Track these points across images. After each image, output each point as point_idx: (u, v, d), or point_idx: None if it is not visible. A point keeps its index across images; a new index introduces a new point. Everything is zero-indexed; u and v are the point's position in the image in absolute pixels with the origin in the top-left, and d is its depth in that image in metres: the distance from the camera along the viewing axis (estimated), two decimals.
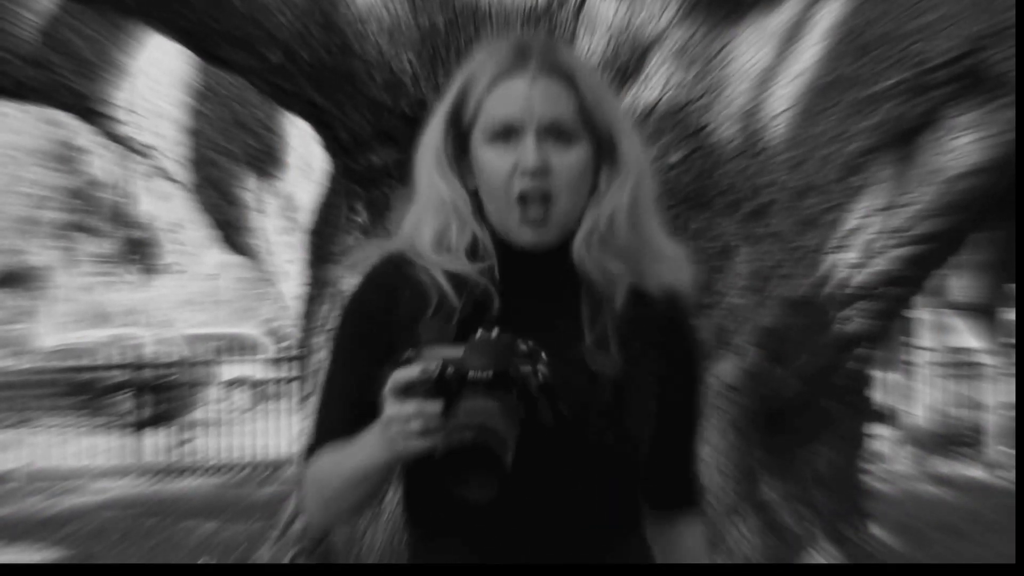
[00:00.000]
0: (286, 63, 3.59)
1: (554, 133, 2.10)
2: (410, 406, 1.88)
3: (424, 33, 3.63)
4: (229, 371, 21.58)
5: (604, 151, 2.14)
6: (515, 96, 2.10)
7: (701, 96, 3.66)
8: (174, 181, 5.04)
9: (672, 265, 2.20)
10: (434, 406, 1.88)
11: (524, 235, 2.10)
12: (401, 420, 1.90)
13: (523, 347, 1.95)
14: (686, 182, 3.61)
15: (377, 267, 2.20)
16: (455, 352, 1.93)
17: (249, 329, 29.79)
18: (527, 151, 2.07)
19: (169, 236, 37.87)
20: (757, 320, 3.58)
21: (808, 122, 3.54)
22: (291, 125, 4.76)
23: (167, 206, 34.91)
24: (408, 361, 1.94)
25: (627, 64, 3.71)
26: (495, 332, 1.96)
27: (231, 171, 4.83)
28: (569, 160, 2.10)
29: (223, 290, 37.29)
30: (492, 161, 2.11)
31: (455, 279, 2.11)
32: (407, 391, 1.91)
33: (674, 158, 3.61)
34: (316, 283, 4.13)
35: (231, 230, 4.93)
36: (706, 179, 3.61)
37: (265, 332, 29.44)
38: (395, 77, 3.62)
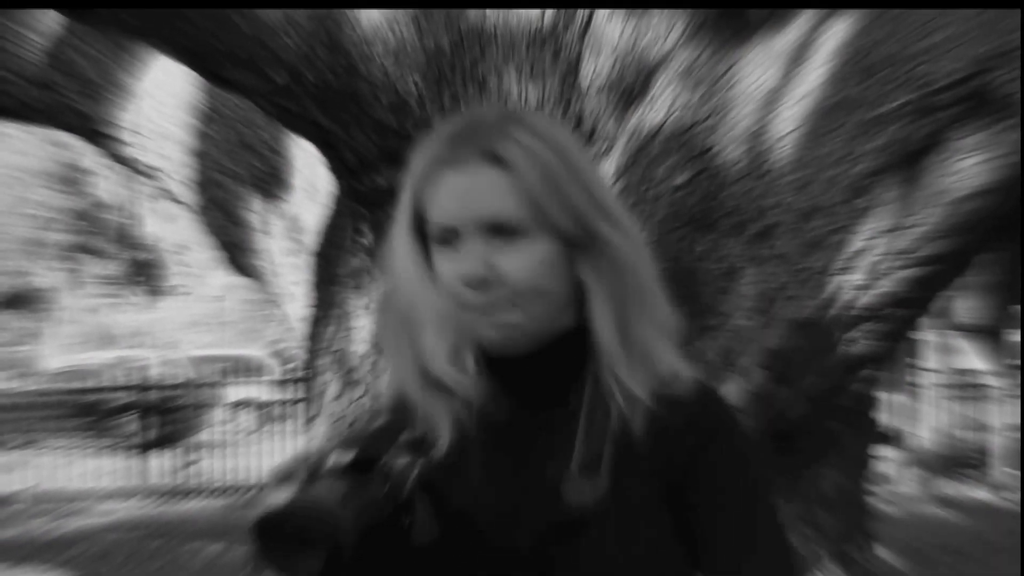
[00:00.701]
0: (291, 84, 3.57)
1: (502, 232, 1.82)
2: (283, 492, 1.71)
3: (430, 55, 3.63)
4: (235, 393, 21.59)
5: (578, 242, 1.85)
6: (451, 195, 1.83)
7: (707, 117, 3.63)
8: (180, 202, 5.02)
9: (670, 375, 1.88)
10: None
11: (495, 344, 1.85)
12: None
13: (406, 436, 1.80)
14: (691, 204, 3.58)
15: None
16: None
17: (255, 351, 29.77)
18: (467, 257, 1.81)
19: (175, 257, 37.92)
20: (763, 342, 3.55)
21: (814, 143, 3.51)
22: (297, 147, 4.73)
23: (172, 227, 34.98)
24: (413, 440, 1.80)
25: (633, 85, 3.70)
26: (385, 419, 1.85)
27: (237, 192, 4.80)
28: (520, 261, 1.82)
29: (228, 312, 37.30)
30: (441, 267, 1.86)
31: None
32: (285, 479, 1.75)
33: (680, 180, 3.59)
34: (321, 305, 4.11)
35: (237, 251, 4.90)
36: (711, 200, 3.58)
37: (270, 354, 29.43)
38: (400, 99, 3.62)
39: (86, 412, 20.16)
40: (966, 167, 3.34)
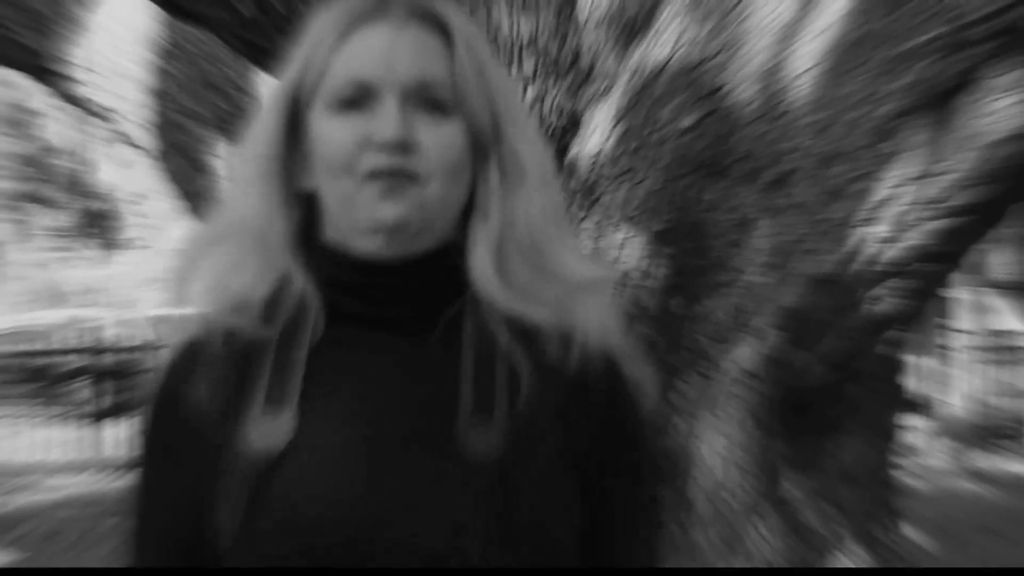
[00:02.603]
0: (258, 16, 3.51)
1: (424, 101, 1.71)
2: None
3: None
4: None
5: (484, 141, 1.75)
6: (373, 48, 1.70)
7: (716, 54, 3.60)
8: (137, 147, 5.00)
9: (597, 304, 1.80)
10: None
11: (379, 217, 1.69)
12: None
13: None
14: (700, 149, 3.58)
15: (175, 354, 1.86)
16: None
17: None
18: (386, 117, 1.67)
19: (132, 208, 37.78)
20: (778, 300, 3.55)
21: (834, 82, 3.49)
22: (265, 85, 4.64)
23: (129, 174, 34.84)
24: None
25: (635, 18, 3.69)
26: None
27: (200, 136, 4.80)
28: (443, 137, 1.71)
29: None
30: (333, 133, 1.71)
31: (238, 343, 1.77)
32: None
33: (687, 122, 3.58)
34: None
35: (200, 201, 4.87)
36: (722, 145, 3.57)
37: None
38: None
39: (34, 377, 20.05)
40: (1001, 108, 3.32)
